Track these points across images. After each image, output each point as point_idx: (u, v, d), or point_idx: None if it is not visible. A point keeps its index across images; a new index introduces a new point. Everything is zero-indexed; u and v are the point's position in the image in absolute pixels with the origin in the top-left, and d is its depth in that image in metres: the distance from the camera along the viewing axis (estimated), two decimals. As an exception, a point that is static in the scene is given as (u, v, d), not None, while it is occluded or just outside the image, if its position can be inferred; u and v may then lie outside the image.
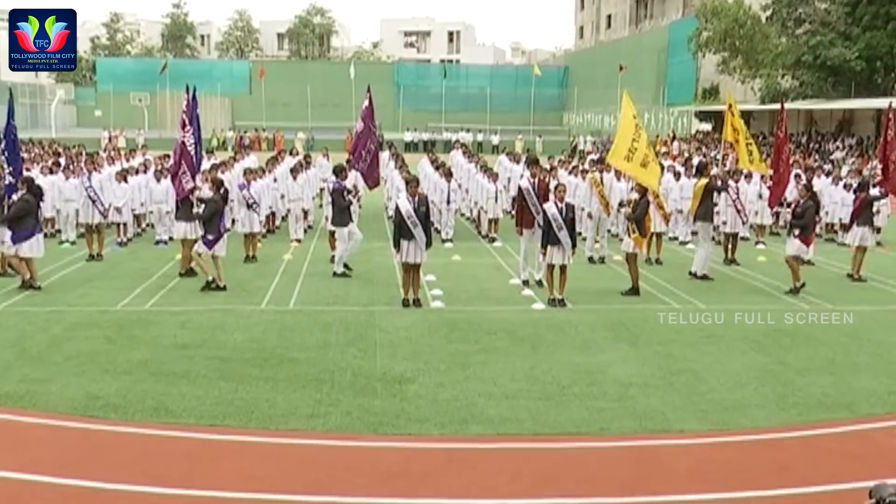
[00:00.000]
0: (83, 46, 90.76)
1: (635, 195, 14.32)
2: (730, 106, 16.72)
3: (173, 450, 7.48)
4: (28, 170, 19.23)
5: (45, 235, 18.73)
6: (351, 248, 15.30)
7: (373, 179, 16.28)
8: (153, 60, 77.82)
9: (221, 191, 14.21)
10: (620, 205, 15.55)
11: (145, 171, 19.63)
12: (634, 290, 13.90)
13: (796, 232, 14.12)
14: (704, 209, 15.31)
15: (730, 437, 7.92)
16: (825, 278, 15.69)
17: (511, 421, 8.17)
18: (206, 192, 14.45)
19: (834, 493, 6.75)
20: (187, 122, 14.60)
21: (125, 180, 18.24)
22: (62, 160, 22.81)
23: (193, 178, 14.63)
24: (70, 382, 9.08)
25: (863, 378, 9.71)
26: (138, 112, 62.10)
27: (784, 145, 17.07)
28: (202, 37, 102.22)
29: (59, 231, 19.07)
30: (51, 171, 19.24)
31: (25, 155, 24.73)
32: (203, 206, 13.95)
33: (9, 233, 13.38)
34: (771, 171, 17.26)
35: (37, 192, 13.74)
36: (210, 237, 13.69)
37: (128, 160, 24.43)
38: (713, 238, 16.25)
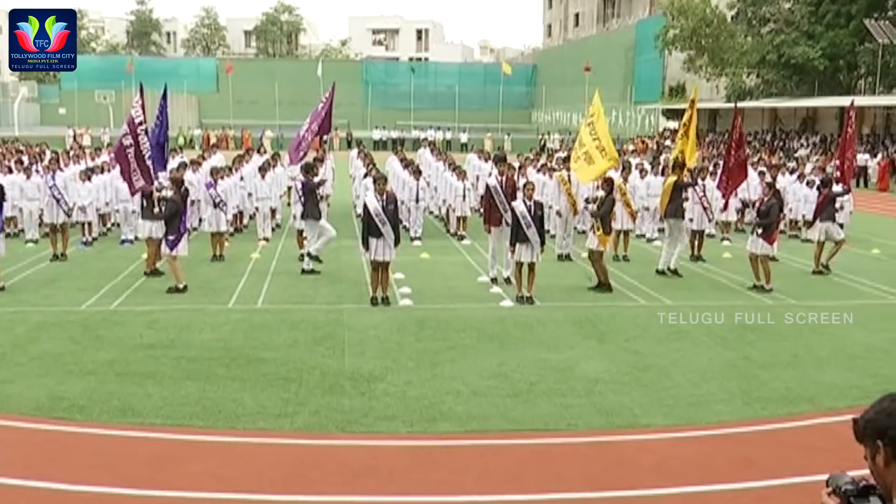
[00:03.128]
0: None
1: (601, 192, 14.44)
2: (692, 103, 16.72)
3: (139, 451, 7.42)
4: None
5: (7, 235, 18.53)
6: (325, 242, 15.21)
7: (297, 159, 16.32)
8: (118, 58, 76.99)
9: (182, 190, 14.05)
10: (587, 202, 15.67)
11: (110, 170, 19.39)
12: (605, 287, 13.99)
13: (759, 231, 14.26)
14: (674, 206, 15.42)
15: (695, 432, 8.01)
16: (789, 274, 15.88)
17: (479, 418, 8.20)
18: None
19: (797, 486, 6.84)
20: (144, 119, 14.44)
21: (89, 179, 18.04)
22: (25, 158, 22.49)
23: (147, 176, 14.49)
24: (34, 383, 8.98)
25: (825, 372, 9.86)
26: (103, 110, 61.33)
27: (735, 152, 16.19)
28: (168, 34, 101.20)
29: (21, 231, 18.81)
30: (10, 171, 18.99)
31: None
32: (163, 205, 13.81)
33: None
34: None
35: None
36: (171, 237, 13.56)
37: (93, 159, 24.13)
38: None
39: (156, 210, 13.99)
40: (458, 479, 6.90)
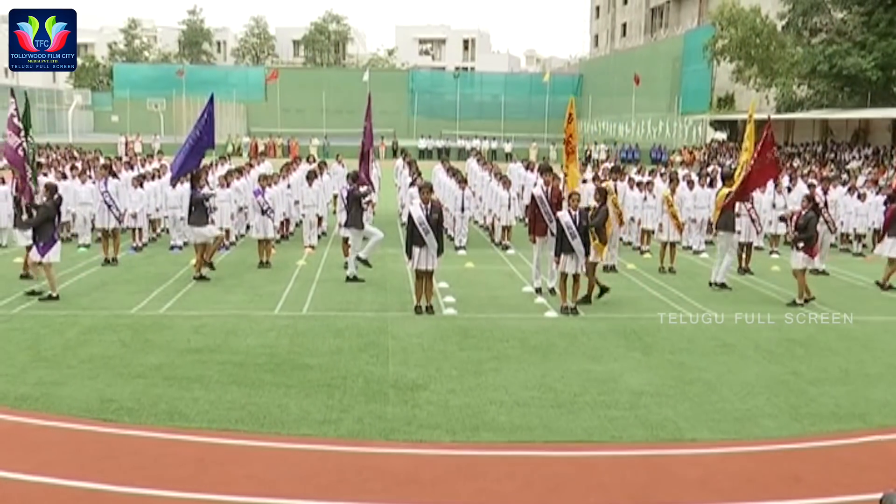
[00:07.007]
0: (101, 52, 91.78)
1: (594, 203, 14.31)
2: (750, 117, 16.43)
3: (185, 453, 7.52)
4: (45, 174, 19.46)
5: (61, 240, 18.94)
6: (373, 245, 15.36)
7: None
8: (170, 66, 78.39)
9: (55, 197, 13.65)
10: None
11: (160, 177, 19.75)
12: (587, 299, 13.68)
13: (800, 244, 13.98)
14: (725, 218, 15.21)
15: (742, 447, 7.89)
16: (838, 288, 15.61)
17: (522, 428, 8.18)
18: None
19: (846, 505, 6.72)
20: (21, 127, 14.07)
21: (141, 186, 18.38)
22: (78, 164, 23.02)
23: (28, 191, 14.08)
24: (84, 386, 9.15)
25: (876, 389, 9.66)
26: (154, 118, 62.58)
27: (762, 161, 14.85)
28: (218, 43, 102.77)
29: (74, 235, 19.21)
30: (63, 176, 19.41)
31: (43, 160, 25.01)
32: (34, 212, 13.40)
33: None
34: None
35: None
36: (42, 243, 13.24)
37: (143, 165, 24.61)
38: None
39: (25, 217, 13.56)
40: (501, 489, 6.88)
